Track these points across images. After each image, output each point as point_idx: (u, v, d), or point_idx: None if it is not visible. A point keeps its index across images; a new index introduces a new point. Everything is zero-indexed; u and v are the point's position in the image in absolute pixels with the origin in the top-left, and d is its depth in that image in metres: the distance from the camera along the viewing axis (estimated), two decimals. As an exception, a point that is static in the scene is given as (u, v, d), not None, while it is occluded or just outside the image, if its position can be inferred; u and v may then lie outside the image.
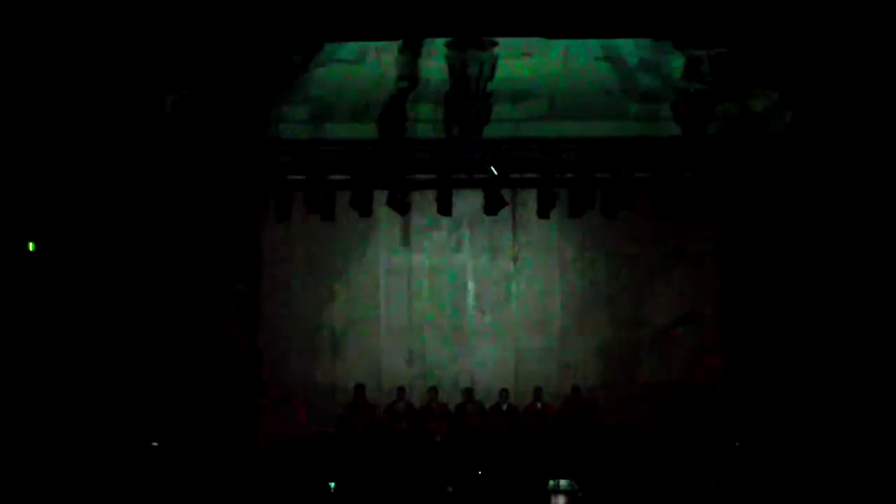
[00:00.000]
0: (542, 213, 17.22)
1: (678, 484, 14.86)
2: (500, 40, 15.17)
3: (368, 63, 16.20)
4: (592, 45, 15.99)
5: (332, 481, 14.90)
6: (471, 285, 18.35)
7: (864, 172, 14.42)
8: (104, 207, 14.96)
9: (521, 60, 16.06)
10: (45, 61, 13.52)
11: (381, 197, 17.02)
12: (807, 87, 14.53)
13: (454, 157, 16.62)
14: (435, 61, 15.81)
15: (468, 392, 17.54)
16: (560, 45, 15.92)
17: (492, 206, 17.05)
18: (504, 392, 17.36)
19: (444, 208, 17.03)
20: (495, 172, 16.76)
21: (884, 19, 13.36)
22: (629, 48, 15.91)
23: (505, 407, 17.19)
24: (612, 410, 17.55)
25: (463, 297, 18.33)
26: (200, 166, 16.44)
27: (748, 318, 17.18)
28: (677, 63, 15.87)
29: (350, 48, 16.00)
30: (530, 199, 17.50)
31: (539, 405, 17.26)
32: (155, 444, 15.31)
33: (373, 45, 15.81)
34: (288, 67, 15.87)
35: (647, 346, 18.07)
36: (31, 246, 14.28)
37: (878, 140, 14.17)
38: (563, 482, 14.54)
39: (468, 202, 17.71)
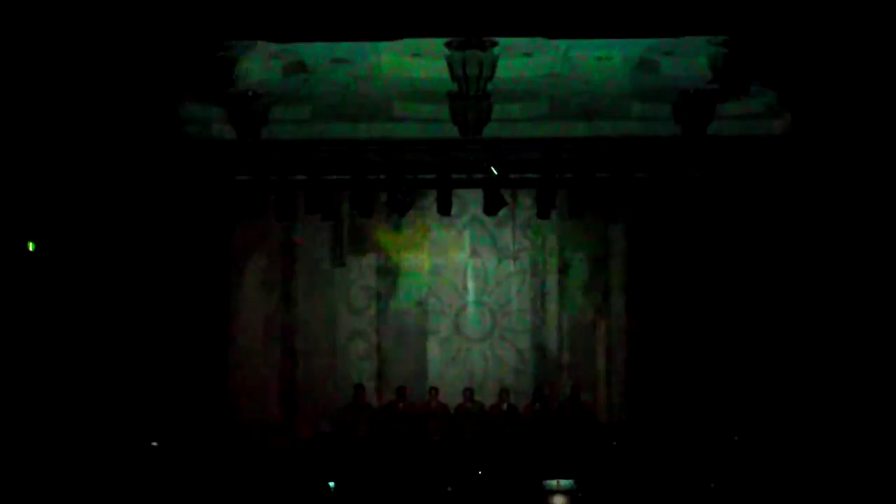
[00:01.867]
0: (542, 214, 17.24)
1: (677, 482, 14.88)
2: (500, 40, 15.16)
3: (368, 63, 16.20)
4: (592, 45, 15.97)
5: (332, 481, 14.92)
6: (471, 285, 18.35)
7: (863, 173, 14.43)
8: (102, 209, 14.99)
9: (521, 60, 16.05)
10: (41, 65, 13.56)
11: (381, 197, 17.07)
12: (807, 87, 14.54)
13: (454, 157, 16.64)
14: (435, 61, 15.81)
15: (468, 392, 17.53)
16: (560, 45, 15.91)
17: (492, 206, 17.07)
18: (504, 392, 17.36)
19: (444, 208, 17.06)
20: (495, 172, 16.78)
21: (884, 19, 13.36)
22: (629, 48, 15.89)
23: (505, 407, 17.18)
24: (611, 409, 17.56)
25: (463, 297, 18.33)
26: (200, 166, 16.53)
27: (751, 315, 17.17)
28: (678, 63, 15.87)
29: (350, 48, 15.99)
30: (530, 198, 17.52)
31: (538, 405, 17.24)
32: (154, 444, 15.33)
33: (372, 44, 15.81)
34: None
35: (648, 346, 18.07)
36: (30, 246, 14.30)
37: (878, 141, 14.19)
38: (562, 482, 14.58)
39: (468, 202, 17.75)
